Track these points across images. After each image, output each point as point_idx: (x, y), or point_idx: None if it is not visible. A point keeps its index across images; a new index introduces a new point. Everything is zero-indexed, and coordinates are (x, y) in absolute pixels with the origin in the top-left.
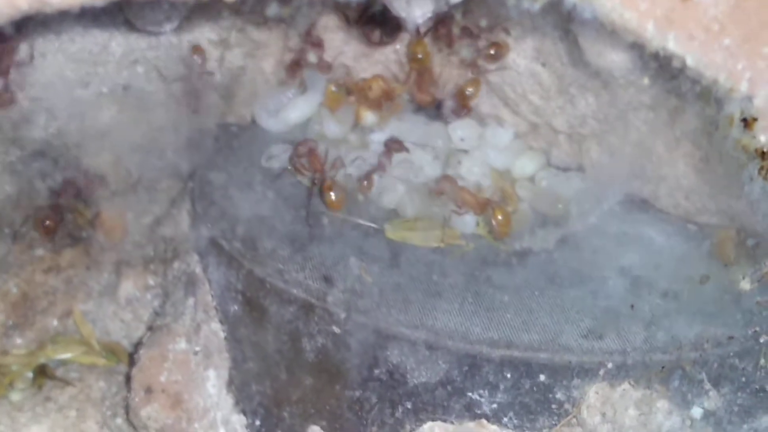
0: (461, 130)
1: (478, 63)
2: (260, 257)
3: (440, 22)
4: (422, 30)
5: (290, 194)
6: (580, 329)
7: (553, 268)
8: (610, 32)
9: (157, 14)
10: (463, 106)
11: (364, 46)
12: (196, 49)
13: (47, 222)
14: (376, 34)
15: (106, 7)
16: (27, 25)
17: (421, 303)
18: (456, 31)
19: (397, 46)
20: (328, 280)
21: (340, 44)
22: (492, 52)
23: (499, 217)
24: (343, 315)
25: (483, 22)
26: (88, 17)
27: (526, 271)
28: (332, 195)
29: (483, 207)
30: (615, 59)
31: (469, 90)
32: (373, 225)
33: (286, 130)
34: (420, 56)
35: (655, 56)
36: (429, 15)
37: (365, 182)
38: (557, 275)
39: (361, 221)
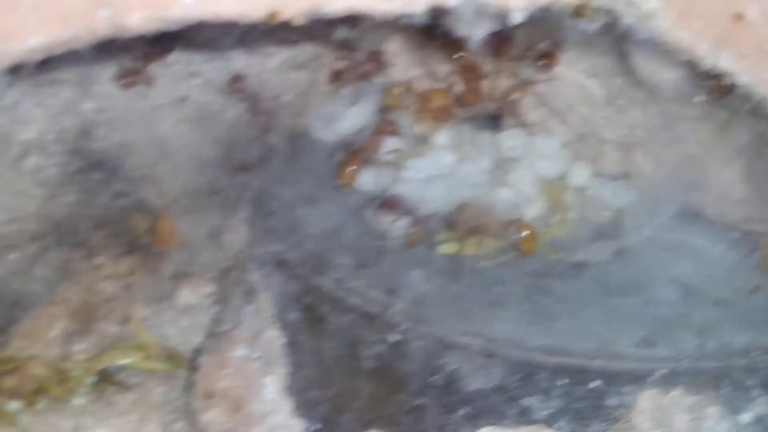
0: (510, 139)
1: (528, 73)
2: (319, 266)
3: (499, 40)
4: (482, 48)
5: (350, 206)
6: (633, 338)
7: (608, 279)
8: (663, 51)
9: (216, 31)
10: (509, 114)
11: (427, 66)
12: (236, 79)
13: None
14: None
15: None
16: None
17: (480, 312)
18: (514, 49)
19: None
20: (390, 291)
21: (404, 65)
22: (542, 63)
23: (525, 234)
24: (405, 325)
25: (536, 40)
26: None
27: (582, 282)
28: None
29: (505, 229)
30: (668, 77)
31: (516, 96)
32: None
33: (339, 140)
34: (474, 71)
35: (708, 74)
36: (488, 33)
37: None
38: (612, 286)
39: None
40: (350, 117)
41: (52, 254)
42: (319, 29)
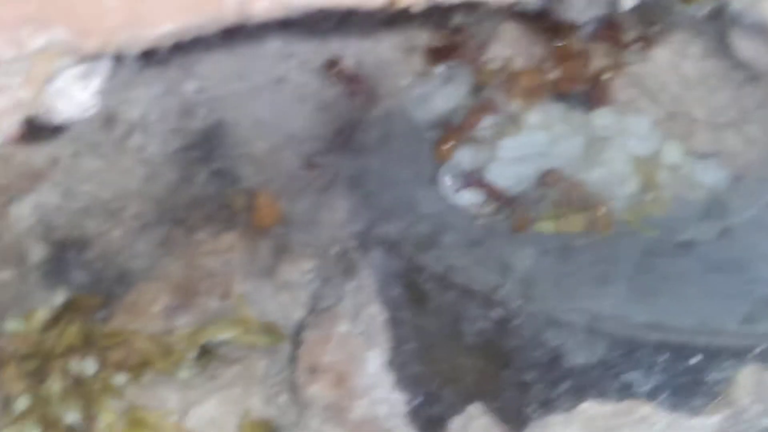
0: (602, 118)
1: (623, 55)
2: (423, 245)
3: (607, 24)
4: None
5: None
6: (735, 314)
7: (712, 257)
8: None
9: (321, 14)
10: (600, 93)
11: (530, 50)
12: (332, 63)
13: None
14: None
15: None
16: None
17: (585, 290)
18: (622, 35)
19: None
20: (498, 269)
21: (507, 49)
22: (639, 46)
23: (602, 212)
24: (511, 303)
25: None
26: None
27: (686, 260)
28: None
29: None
30: None
31: (608, 76)
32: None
33: (434, 119)
34: (574, 57)
35: None
36: (597, 19)
37: None
38: (715, 264)
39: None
40: (444, 96)
41: (154, 231)
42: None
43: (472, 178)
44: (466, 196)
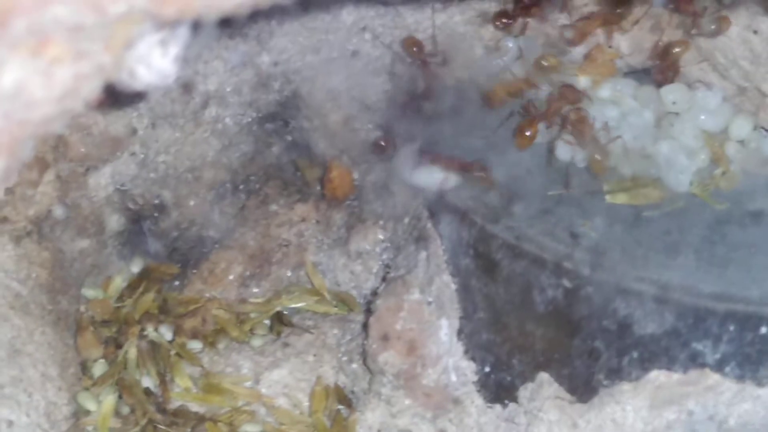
0: (672, 93)
1: (696, 27)
2: (492, 214)
3: None
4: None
5: (518, 157)
6: None
7: None
8: None
9: None
10: (671, 68)
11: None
12: (410, 42)
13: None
14: None
15: None
16: None
17: (655, 259)
18: (695, 3)
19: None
20: (567, 238)
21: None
22: (713, 27)
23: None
24: (581, 272)
25: None
26: None
27: (757, 230)
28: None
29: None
30: None
31: (679, 50)
32: (595, 190)
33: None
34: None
35: None
36: None
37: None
38: None
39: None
40: (516, 70)
41: (229, 201)
42: None
43: (428, 155)
44: (423, 174)
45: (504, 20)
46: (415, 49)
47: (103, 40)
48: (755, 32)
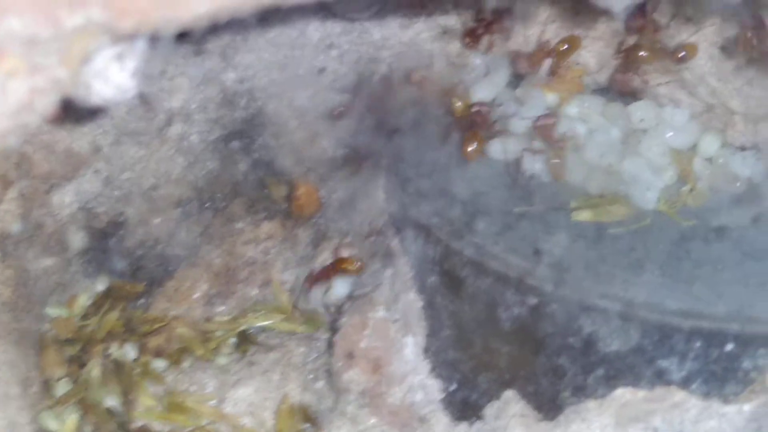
0: (639, 110)
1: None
2: (459, 231)
3: (640, 12)
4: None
5: (487, 172)
6: None
7: (745, 243)
8: None
9: (359, 3)
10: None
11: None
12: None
13: None
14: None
15: None
16: None
17: (619, 276)
18: (655, 22)
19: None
20: (531, 255)
21: (550, 34)
22: (681, 55)
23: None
24: (545, 289)
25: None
26: (291, 7)
27: (720, 246)
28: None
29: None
30: None
31: (647, 69)
32: (562, 207)
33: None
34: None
35: None
36: (632, 3)
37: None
38: (749, 250)
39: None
40: (484, 88)
41: (195, 219)
42: None
43: (307, 280)
44: (317, 294)
45: (469, 39)
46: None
47: (59, 54)
48: (722, 48)
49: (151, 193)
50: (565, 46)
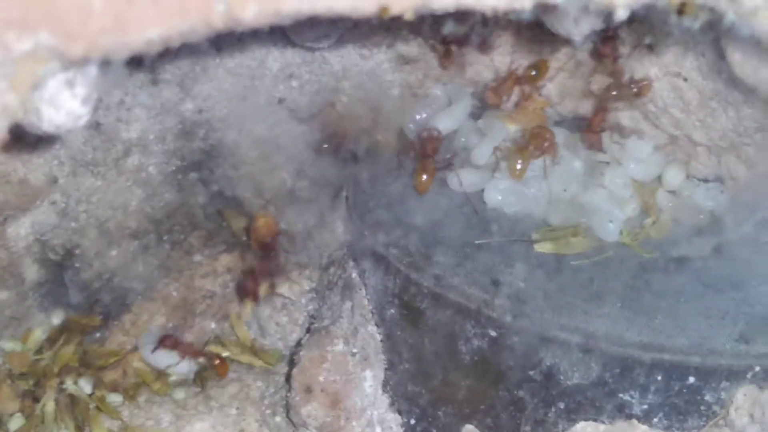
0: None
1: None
2: (418, 263)
3: (604, 40)
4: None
5: (444, 204)
6: (731, 334)
7: (707, 275)
8: (765, 49)
9: (318, 31)
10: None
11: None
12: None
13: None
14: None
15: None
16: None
17: (579, 308)
18: (617, 49)
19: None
20: (490, 286)
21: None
22: (635, 90)
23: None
24: (504, 320)
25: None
26: (247, 34)
27: (681, 277)
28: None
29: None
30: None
31: (609, 101)
32: (523, 239)
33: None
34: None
35: None
36: (591, 31)
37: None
38: (710, 282)
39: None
40: (443, 120)
41: (152, 251)
42: (426, 25)
43: (166, 339)
44: (161, 357)
45: (450, 58)
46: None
47: (7, 79)
48: (685, 80)
49: (107, 225)
50: (534, 72)
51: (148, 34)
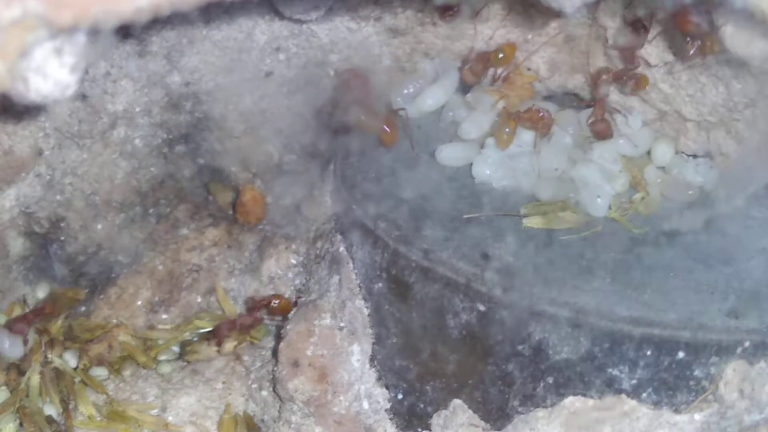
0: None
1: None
2: (406, 237)
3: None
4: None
5: (436, 177)
6: (721, 308)
7: (697, 249)
8: (758, 22)
9: (306, 3)
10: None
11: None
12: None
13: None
14: None
15: None
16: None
17: (569, 282)
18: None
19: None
20: (479, 260)
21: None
22: (632, 83)
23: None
24: (493, 294)
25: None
26: (235, 6)
27: (672, 251)
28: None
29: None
30: (759, 49)
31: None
32: (512, 213)
33: (421, 116)
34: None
35: None
36: (580, 4)
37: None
38: (701, 256)
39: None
40: (431, 94)
41: (138, 225)
42: None
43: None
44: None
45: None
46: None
47: None
48: (675, 54)
49: (93, 197)
50: (501, 55)
51: (138, 2)
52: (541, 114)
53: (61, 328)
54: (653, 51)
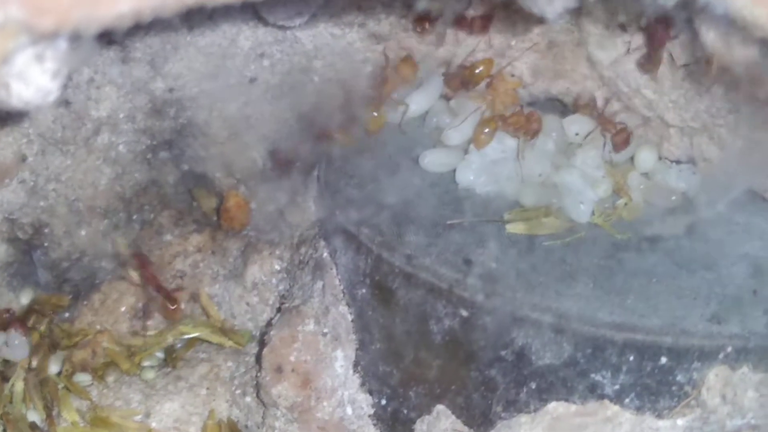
0: (575, 123)
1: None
2: (389, 242)
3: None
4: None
5: (419, 183)
6: (703, 314)
7: (679, 254)
8: (739, 28)
9: (290, 9)
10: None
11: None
12: None
13: None
14: None
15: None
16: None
17: (551, 287)
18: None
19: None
20: (461, 265)
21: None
22: (618, 139)
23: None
24: (476, 300)
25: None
26: (219, 12)
27: (654, 256)
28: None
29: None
30: (740, 56)
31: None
32: (495, 219)
33: (405, 122)
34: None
35: None
36: (565, 9)
37: None
38: (683, 262)
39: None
40: (415, 100)
41: (122, 231)
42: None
43: None
44: None
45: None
46: None
47: None
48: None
49: (77, 203)
50: (479, 69)
51: (119, 8)
52: (529, 113)
53: (44, 334)
54: (636, 57)
